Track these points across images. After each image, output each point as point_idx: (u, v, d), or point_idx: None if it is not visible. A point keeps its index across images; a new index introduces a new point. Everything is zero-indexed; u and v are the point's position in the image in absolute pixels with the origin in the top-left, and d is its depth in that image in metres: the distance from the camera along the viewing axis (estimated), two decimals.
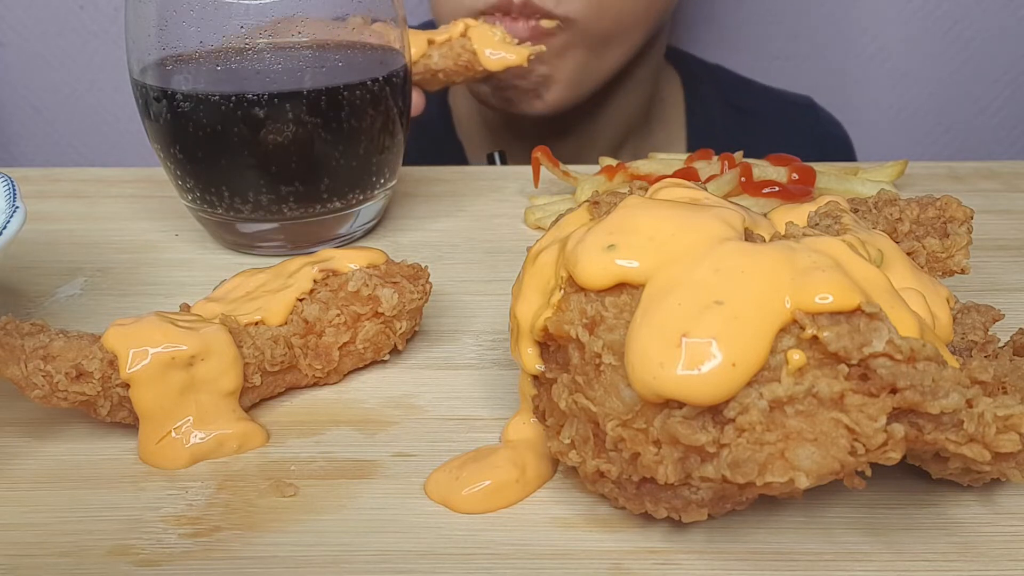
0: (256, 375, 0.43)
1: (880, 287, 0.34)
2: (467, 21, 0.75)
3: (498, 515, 0.37)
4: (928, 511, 0.37)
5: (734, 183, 0.63)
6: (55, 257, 0.62)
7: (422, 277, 0.48)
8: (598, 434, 0.35)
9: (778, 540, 0.36)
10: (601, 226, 0.37)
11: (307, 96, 0.56)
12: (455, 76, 0.74)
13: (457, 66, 0.73)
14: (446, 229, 0.67)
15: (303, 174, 0.59)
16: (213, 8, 0.55)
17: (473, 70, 0.74)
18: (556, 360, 0.38)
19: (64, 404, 0.40)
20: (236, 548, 0.36)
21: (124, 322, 0.41)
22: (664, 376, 0.32)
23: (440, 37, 0.73)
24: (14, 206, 0.46)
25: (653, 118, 1.09)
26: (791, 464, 0.31)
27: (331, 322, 0.45)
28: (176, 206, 0.66)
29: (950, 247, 0.45)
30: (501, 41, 0.73)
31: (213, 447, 0.41)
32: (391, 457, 0.41)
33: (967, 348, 0.40)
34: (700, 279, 0.33)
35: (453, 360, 0.49)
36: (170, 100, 0.57)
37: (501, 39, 0.73)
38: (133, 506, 0.38)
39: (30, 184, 0.74)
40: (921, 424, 0.32)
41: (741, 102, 1.10)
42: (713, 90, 1.11)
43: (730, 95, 1.10)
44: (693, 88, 1.11)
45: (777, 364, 0.32)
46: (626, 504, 0.35)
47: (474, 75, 0.75)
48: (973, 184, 0.74)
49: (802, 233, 0.37)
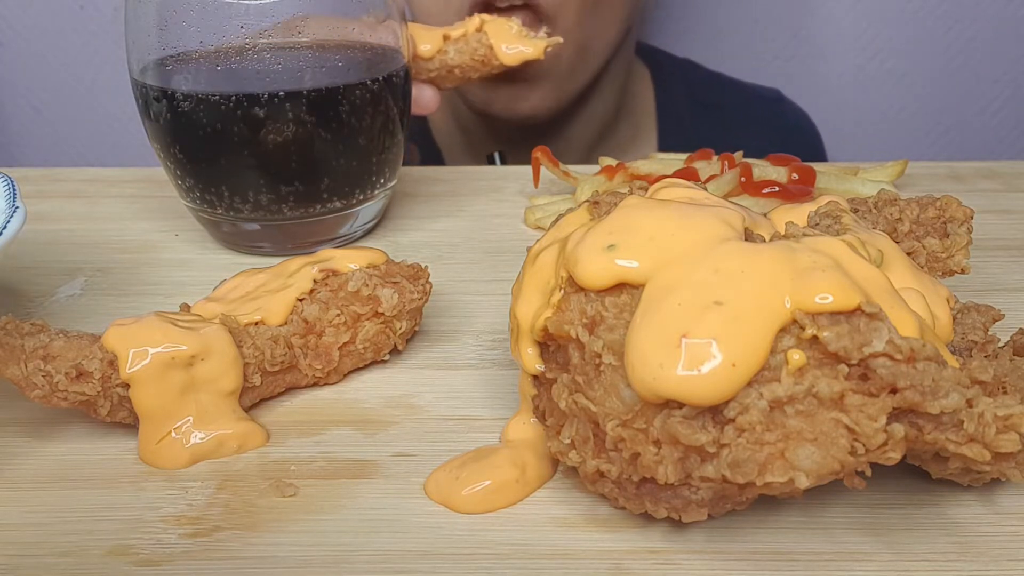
0: (256, 375, 0.43)
1: (880, 287, 0.34)
2: (482, 16, 0.74)
3: (498, 515, 0.37)
4: (928, 511, 0.37)
5: (734, 183, 0.63)
6: (55, 257, 0.62)
7: (422, 277, 0.48)
8: (598, 434, 0.35)
9: (778, 540, 0.36)
10: (601, 226, 0.37)
11: (307, 96, 0.56)
12: (471, 72, 0.73)
13: (473, 61, 0.72)
14: (446, 229, 0.67)
15: (303, 174, 0.59)
16: (213, 8, 0.55)
17: (490, 65, 0.73)
18: (556, 360, 0.38)
19: (64, 404, 0.40)
20: (236, 548, 0.36)
21: (124, 322, 0.41)
22: (664, 377, 0.32)
23: (456, 32, 0.73)
24: (14, 206, 0.46)
25: (624, 113, 1.10)
26: (791, 464, 0.31)
27: (331, 322, 0.45)
28: (176, 206, 0.66)
29: (950, 247, 0.45)
30: (517, 35, 0.72)
31: (213, 447, 0.41)
32: (391, 457, 0.41)
33: (967, 348, 0.40)
34: (700, 279, 0.33)
35: (453, 360, 0.49)
36: (170, 100, 0.57)
37: (517, 32, 0.72)
38: (133, 506, 0.38)
39: (30, 184, 0.74)
40: (921, 424, 0.32)
41: (710, 96, 1.12)
42: (682, 84, 1.12)
43: (698, 89, 1.12)
44: (662, 82, 1.12)
45: (777, 364, 0.32)
46: (626, 504, 0.35)
47: (491, 70, 0.73)
48: (973, 184, 0.74)
49: (802, 233, 0.37)
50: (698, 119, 1.09)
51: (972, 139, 1.37)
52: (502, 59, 0.72)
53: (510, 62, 0.72)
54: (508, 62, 0.72)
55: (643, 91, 1.12)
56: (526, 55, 0.72)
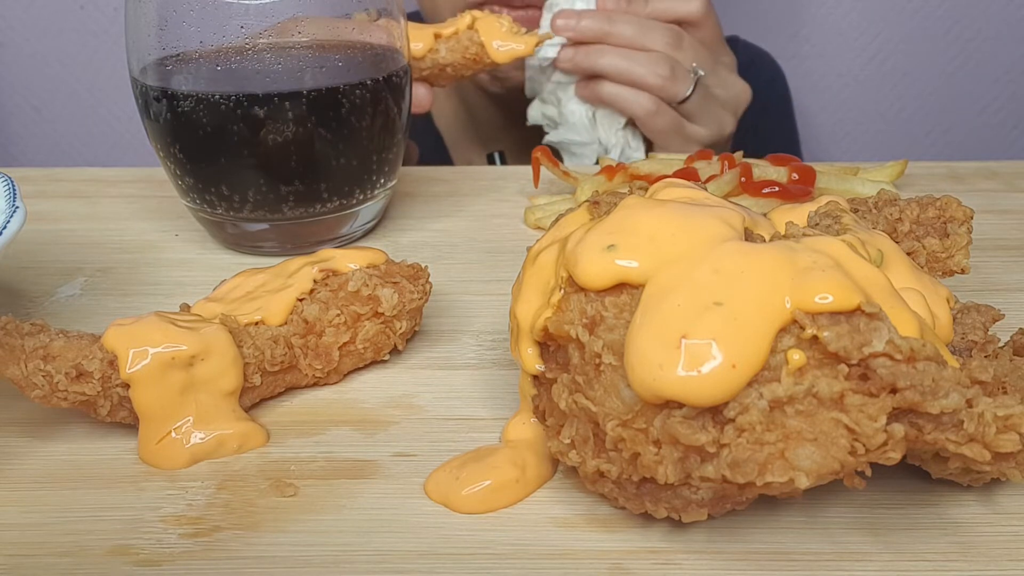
0: (256, 375, 0.43)
1: (880, 287, 0.34)
2: (473, 13, 0.73)
3: (498, 515, 0.37)
4: (928, 511, 0.37)
5: (734, 183, 0.63)
6: (55, 257, 0.62)
7: (422, 277, 0.48)
8: (598, 434, 0.35)
9: (778, 540, 0.36)
10: (601, 226, 0.37)
11: (307, 96, 0.56)
12: (463, 70, 0.72)
13: (465, 59, 0.72)
14: (446, 229, 0.67)
15: (303, 174, 0.59)
16: (213, 8, 0.55)
17: (481, 63, 0.72)
18: (556, 360, 0.38)
19: (64, 404, 0.40)
20: (236, 548, 0.36)
21: (124, 322, 0.41)
22: (664, 378, 0.32)
23: (447, 31, 0.72)
24: (14, 206, 0.46)
25: None
26: (791, 464, 0.31)
27: (331, 322, 0.45)
28: (176, 206, 0.66)
29: (950, 247, 0.45)
30: (508, 31, 0.72)
31: (213, 447, 0.41)
32: (391, 457, 0.41)
33: (967, 348, 0.40)
34: (700, 280, 0.33)
35: (453, 360, 0.49)
36: (170, 100, 0.57)
37: (508, 29, 0.72)
38: (133, 506, 0.38)
39: (30, 184, 0.74)
40: (921, 424, 0.31)
41: None
42: None
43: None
44: None
45: (777, 364, 0.32)
46: (626, 504, 0.35)
47: (482, 68, 0.73)
48: (973, 184, 0.74)
49: (802, 233, 0.37)
50: None
51: (972, 139, 1.37)
52: (494, 57, 0.71)
53: (501, 60, 0.72)
54: (500, 60, 0.72)
55: None
56: (517, 52, 0.72)
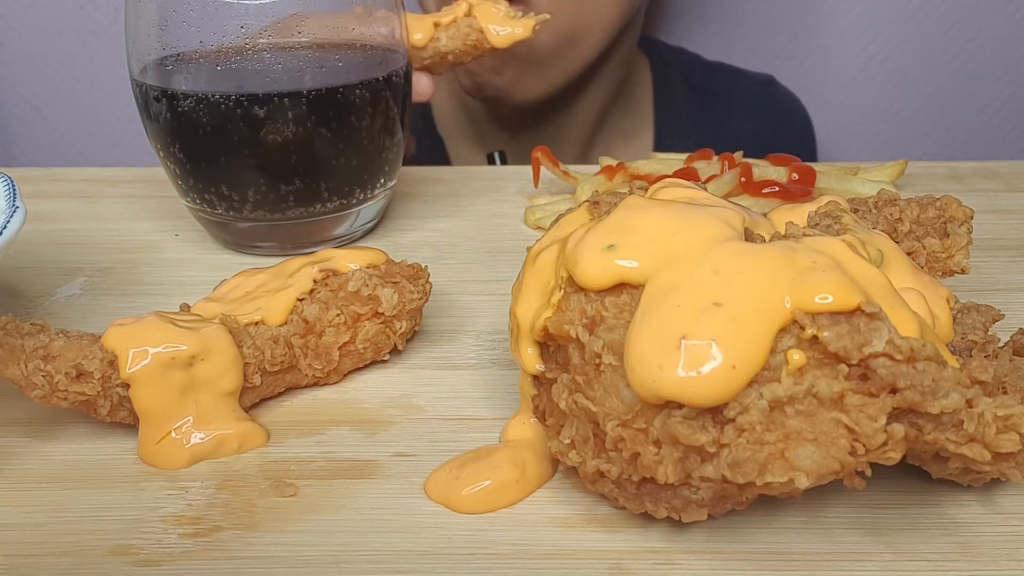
0: (256, 375, 0.43)
1: (880, 287, 0.34)
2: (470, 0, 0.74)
3: (498, 515, 0.37)
4: (928, 511, 0.37)
5: (734, 183, 0.63)
6: (55, 257, 0.62)
7: (422, 277, 0.48)
8: (598, 434, 0.35)
9: (778, 540, 0.36)
10: (601, 226, 0.37)
11: (307, 96, 0.56)
12: (464, 56, 0.74)
13: (466, 46, 0.73)
14: (446, 229, 0.67)
15: (303, 174, 0.59)
16: (213, 8, 0.55)
17: (481, 48, 0.73)
18: (556, 360, 0.38)
19: (64, 404, 0.40)
20: (236, 548, 0.36)
21: (124, 322, 0.41)
22: (664, 378, 0.32)
23: (445, 19, 0.73)
24: (14, 206, 0.46)
25: (624, 102, 1.14)
26: (791, 464, 0.31)
27: (331, 322, 0.45)
28: (176, 206, 0.66)
29: (950, 247, 0.45)
30: (505, 16, 0.73)
31: (213, 447, 0.41)
32: (391, 457, 0.41)
33: (967, 348, 0.40)
34: (700, 280, 0.33)
35: (453, 360, 0.49)
36: (170, 100, 0.57)
37: (505, 14, 0.73)
38: (133, 506, 0.38)
39: (30, 184, 0.74)
40: (921, 424, 0.31)
41: (705, 83, 1.16)
42: (679, 72, 1.16)
43: (694, 76, 1.16)
44: (661, 71, 1.16)
45: (777, 364, 0.32)
46: (626, 504, 0.35)
47: (482, 53, 0.74)
48: (973, 184, 0.74)
49: (802, 233, 0.37)
50: (693, 103, 1.13)
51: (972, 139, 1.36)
52: (493, 42, 0.72)
53: (501, 44, 0.73)
54: (499, 44, 0.72)
55: (643, 80, 1.15)
56: (516, 36, 0.72)
